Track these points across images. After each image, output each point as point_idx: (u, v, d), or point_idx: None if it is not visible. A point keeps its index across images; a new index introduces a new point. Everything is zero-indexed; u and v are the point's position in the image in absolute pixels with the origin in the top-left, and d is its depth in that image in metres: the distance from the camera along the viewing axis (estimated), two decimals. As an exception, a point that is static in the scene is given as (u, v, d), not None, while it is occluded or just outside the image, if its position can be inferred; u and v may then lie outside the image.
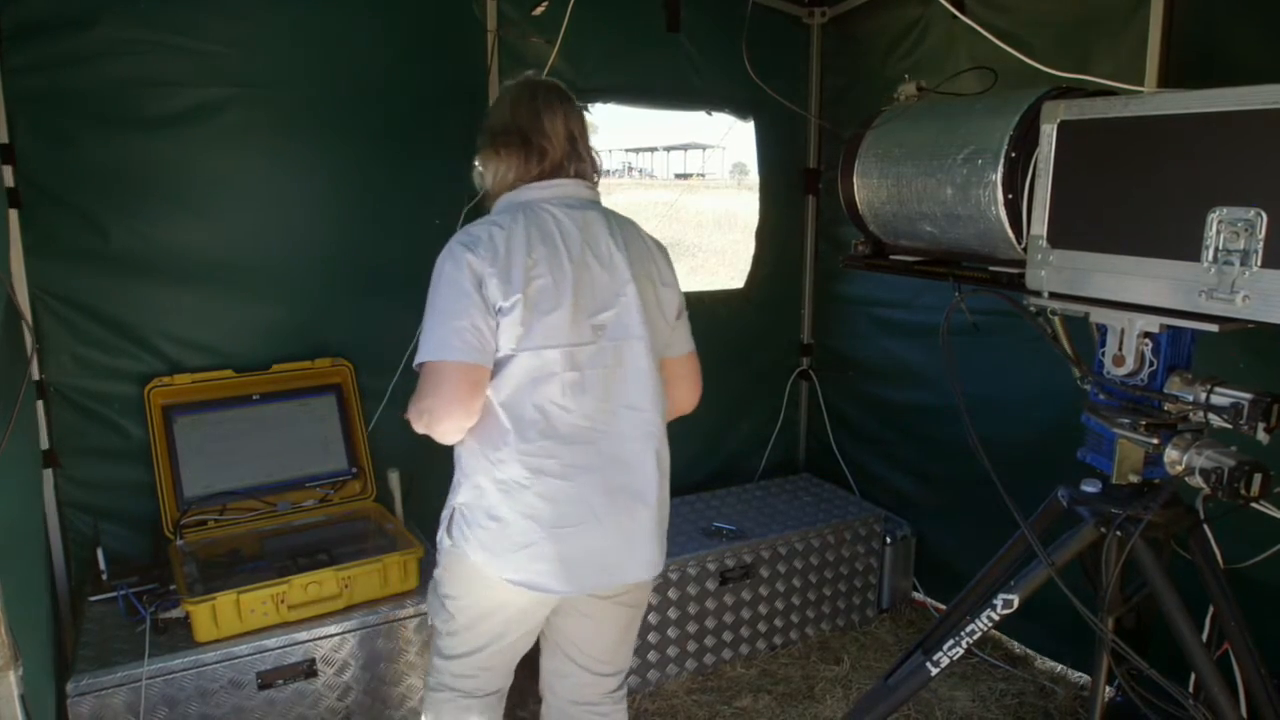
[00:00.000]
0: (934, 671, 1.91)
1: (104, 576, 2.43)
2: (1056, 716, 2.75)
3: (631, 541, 1.75)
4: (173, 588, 2.30)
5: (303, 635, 2.26)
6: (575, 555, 1.69)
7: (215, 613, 2.16)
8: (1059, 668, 2.97)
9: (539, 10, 2.84)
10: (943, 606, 3.28)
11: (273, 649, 2.23)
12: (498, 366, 1.64)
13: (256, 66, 2.60)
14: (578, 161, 1.79)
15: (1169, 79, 2.33)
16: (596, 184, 1.84)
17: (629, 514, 1.73)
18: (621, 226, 1.80)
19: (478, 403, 1.64)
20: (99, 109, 2.43)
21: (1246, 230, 1.39)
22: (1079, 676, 2.87)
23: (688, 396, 1.92)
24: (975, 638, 1.86)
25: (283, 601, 2.25)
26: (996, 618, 1.82)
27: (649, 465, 1.75)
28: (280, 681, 2.25)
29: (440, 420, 1.64)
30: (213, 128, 2.58)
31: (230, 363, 2.68)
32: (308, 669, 2.28)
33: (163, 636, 2.20)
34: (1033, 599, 1.80)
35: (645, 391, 1.74)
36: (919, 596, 3.45)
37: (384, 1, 2.75)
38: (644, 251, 1.81)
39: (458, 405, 1.62)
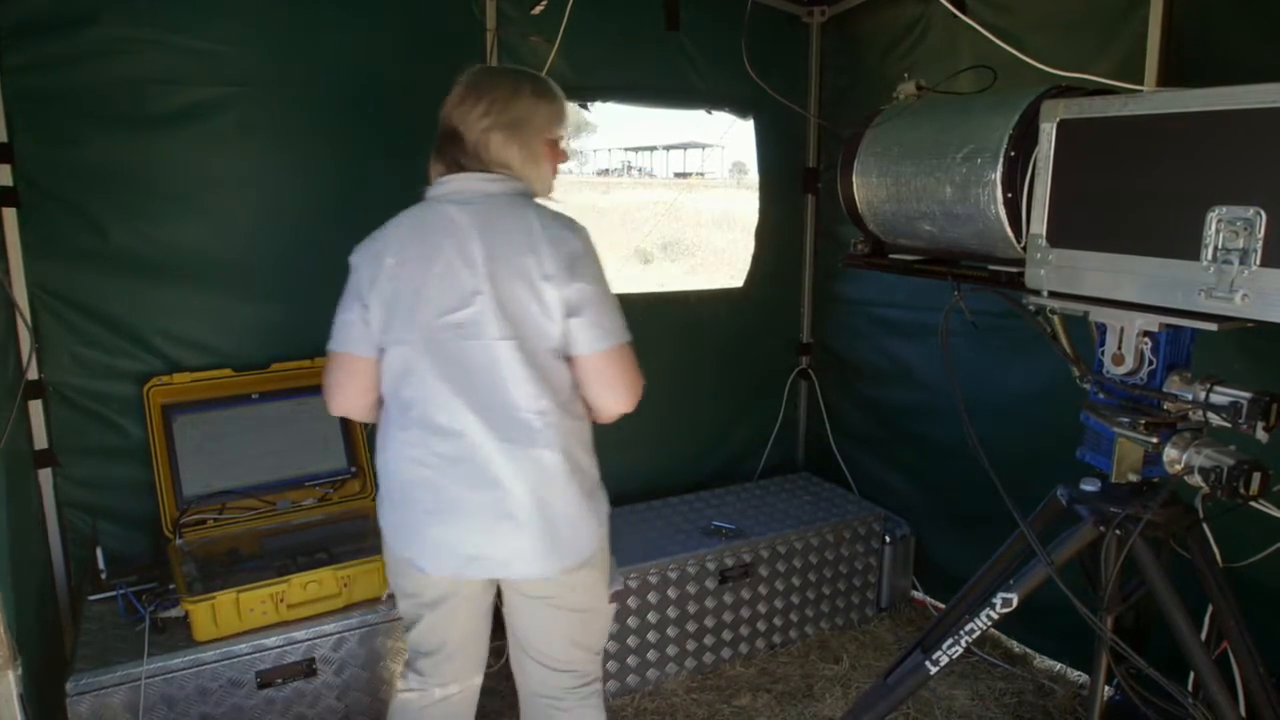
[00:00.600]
0: (933, 670, 1.91)
1: (103, 576, 2.43)
2: (1055, 715, 2.75)
3: (496, 535, 1.74)
4: (172, 587, 2.30)
5: (302, 634, 2.26)
6: (443, 540, 1.76)
7: (215, 612, 2.16)
8: (1058, 666, 2.97)
9: (538, 9, 2.84)
10: (942, 605, 3.28)
11: (272, 648, 2.23)
12: (382, 356, 1.78)
13: (255, 65, 2.60)
14: (484, 153, 1.76)
15: (1168, 78, 2.33)
16: (529, 175, 1.79)
17: (494, 509, 1.72)
18: (511, 219, 1.71)
19: (357, 387, 1.81)
20: (98, 108, 2.43)
21: (1246, 229, 1.39)
22: (1078, 675, 2.87)
23: (599, 399, 1.77)
24: (974, 637, 1.86)
25: (282, 600, 2.25)
26: (995, 616, 1.82)
27: (524, 464, 1.70)
28: (279, 681, 2.25)
29: (329, 400, 1.86)
30: (212, 126, 2.58)
31: (229, 362, 2.68)
32: (307, 668, 2.28)
33: (162, 636, 2.20)
34: (1032, 598, 1.80)
35: (523, 391, 1.69)
36: (918, 595, 3.45)
37: (384, 1, 2.75)
38: (521, 246, 1.68)
39: (336, 388, 1.83)
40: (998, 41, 2.36)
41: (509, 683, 2.89)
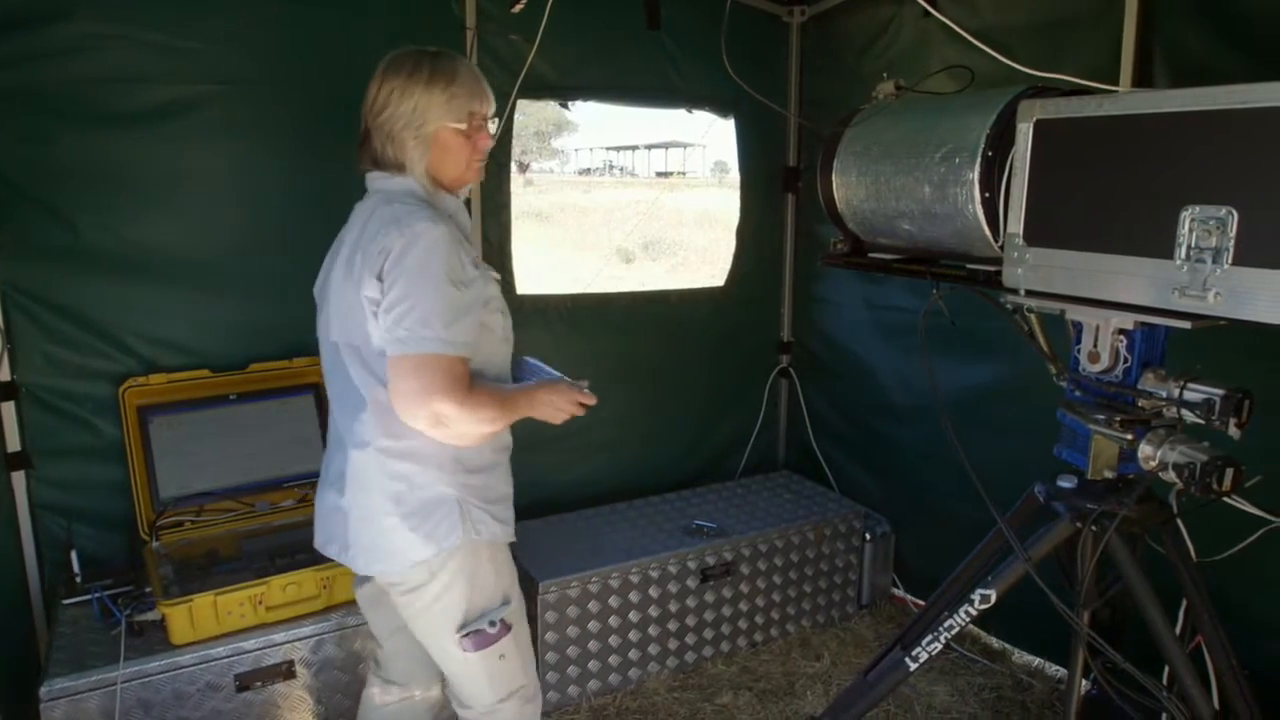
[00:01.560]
0: (913, 667, 1.92)
1: (78, 579, 2.40)
2: (1034, 710, 2.77)
3: (335, 520, 1.78)
4: (148, 590, 2.28)
5: (281, 636, 2.25)
6: (317, 513, 1.87)
7: (192, 614, 2.14)
8: (1036, 661, 3.00)
9: (518, 8, 2.83)
10: (921, 602, 3.30)
11: (251, 650, 2.21)
12: None
13: (232, 63, 2.57)
14: (379, 150, 1.74)
15: (1143, 79, 2.35)
16: (375, 157, 1.75)
17: (335, 497, 1.78)
18: (370, 217, 1.69)
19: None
20: (72, 105, 2.40)
21: (1218, 228, 1.40)
22: (1056, 670, 2.90)
23: (396, 404, 1.60)
24: (953, 633, 1.87)
25: (261, 602, 2.23)
26: (974, 613, 1.84)
27: (351, 460, 1.72)
28: (258, 683, 2.23)
29: None
30: (188, 124, 2.55)
31: (206, 362, 2.65)
32: (286, 670, 2.26)
33: (138, 639, 2.18)
34: (1011, 594, 1.82)
35: (353, 391, 1.71)
36: (898, 593, 3.47)
37: (362, -2, 2.73)
38: (360, 241, 1.67)
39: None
40: (974, 41, 2.38)
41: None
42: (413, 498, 1.69)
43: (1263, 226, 1.36)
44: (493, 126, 1.80)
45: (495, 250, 3.07)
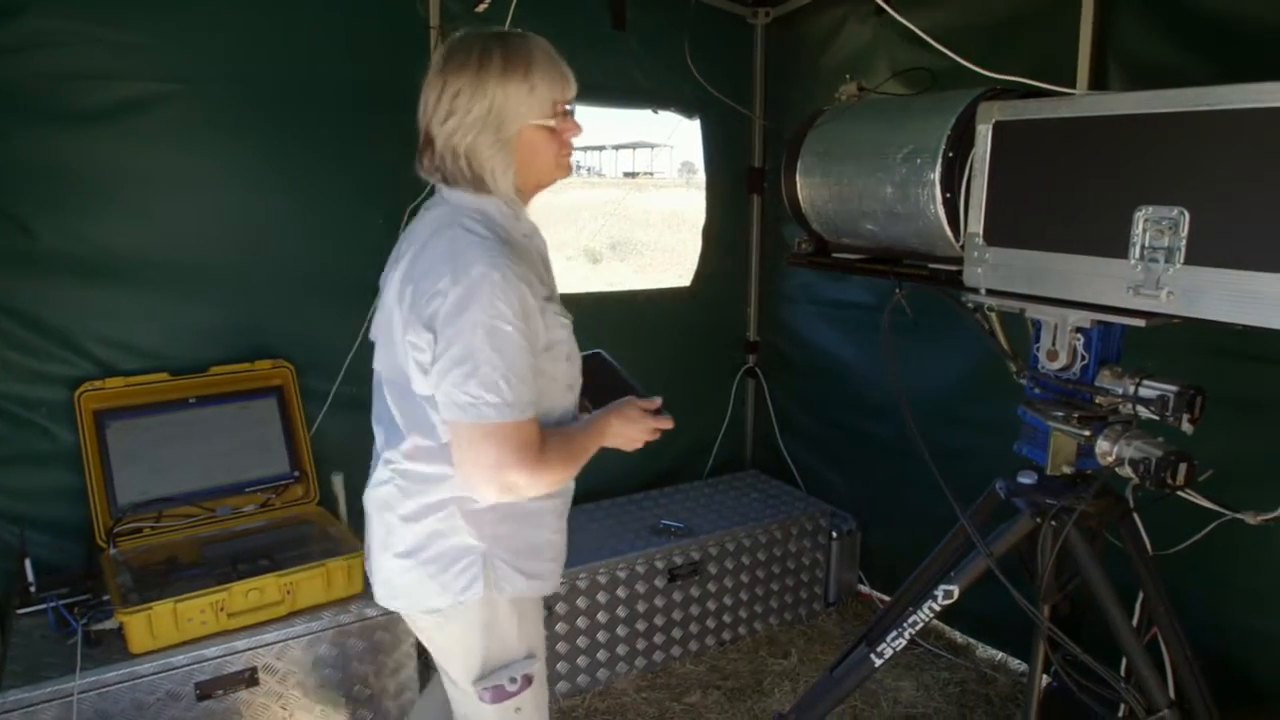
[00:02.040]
0: (878, 663, 1.94)
1: (32, 589, 2.34)
2: (997, 703, 2.81)
3: (366, 539, 1.70)
4: (106, 598, 2.23)
5: (243, 643, 2.21)
6: None
7: (151, 623, 2.10)
8: (1000, 656, 3.04)
9: (482, 7, 2.82)
10: (888, 598, 3.34)
11: (212, 658, 2.18)
12: None
13: (191, 61, 2.53)
14: (450, 163, 1.51)
15: (1099, 81, 2.40)
16: (445, 172, 1.52)
17: (367, 513, 1.68)
18: (432, 236, 1.49)
19: None
20: (25, 102, 2.34)
21: (1170, 228, 1.44)
22: (1019, 664, 2.95)
23: (462, 473, 1.48)
24: (917, 628, 1.89)
25: (222, 609, 2.20)
26: (938, 608, 1.86)
27: (372, 484, 1.64)
28: (220, 691, 2.19)
29: None
30: (146, 123, 2.50)
31: (166, 365, 2.60)
32: (249, 678, 2.23)
33: (96, 649, 2.13)
34: (974, 589, 1.84)
35: (381, 419, 1.62)
36: (864, 589, 3.50)
37: (325, -4, 2.70)
38: (415, 267, 1.48)
39: None
40: (934, 44, 2.40)
41: None
42: (434, 544, 1.55)
43: (1212, 227, 1.39)
44: (577, 110, 1.58)
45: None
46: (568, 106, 1.55)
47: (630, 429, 1.63)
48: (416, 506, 1.55)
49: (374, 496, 1.63)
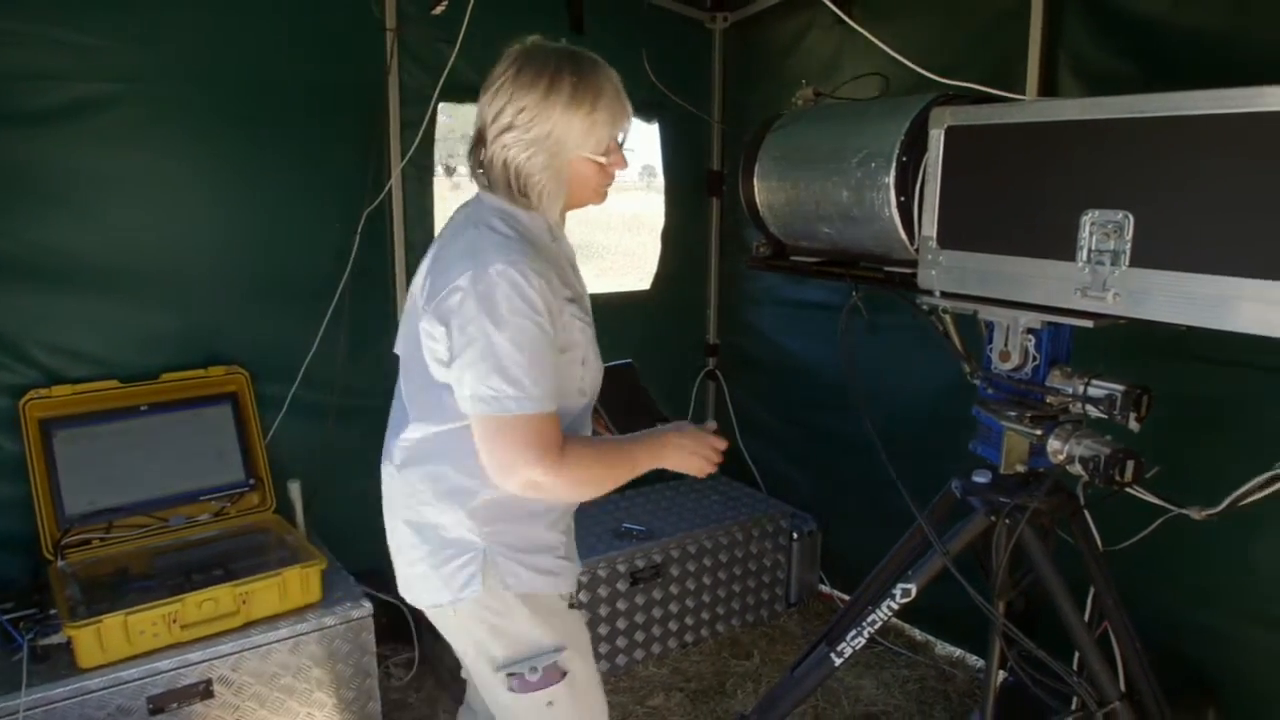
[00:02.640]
0: (838, 662, 1.96)
1: (-26, 603, 2.28)
2: (955, 699, 2.85)
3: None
4: (53, 612, 2.17)
5: (196, 655, 2.17)
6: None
7: (101, 636, 2.05)
8: (958, 652, 3.08)
9: (439, 9, 2.80)
10: (849, 598, 3.37)
11: (165, 671, 2.13)
12: None
13: (143, 61, 2.47)
14: (495, 171, 1.52)
15: (1048, 87, 2.45)
16: (491, 177, 1.54)
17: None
18: (458, 233, 1.52)
19: None
20: (-35, 104, 2.28)
21: (1116, 231, 1.47)
22: (976, 660, 2.99)
23: (487, 466, 1.47)
24: (876, 627, 1.91)
25: (175, 621, 2.15)
26: (896, 607, 1.88)
27: (388, 479, 1.65)
28: (174, 705, 2.15)
29: None
30: (95, 124, 2.44)
31: (115, 372, 2.54)
32: (204, 690, 2.19)
33: (43, 664, 2.07)
34: (932, 587, 1.87)
35: (394, 406, 1.66)
36: (825, 589, 3.53)
37: (279, -4, 2.66)
38: (437, 260, 1.53)
39: None
40: (888, 50, 2.44)
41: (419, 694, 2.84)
42: (435, 536, 1.55)
43: (1155, 230, 1.43)
44: (628, 143, 1.60)
45: (419, 254, 2.99)
46: (620, 139, 1.57)
47: (693, 444, 1.59)
48: (418, 493, 1.57)
49: (388, 490, 1.66)
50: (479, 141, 1.53)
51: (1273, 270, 1.30)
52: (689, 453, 1.58)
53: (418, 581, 1.61)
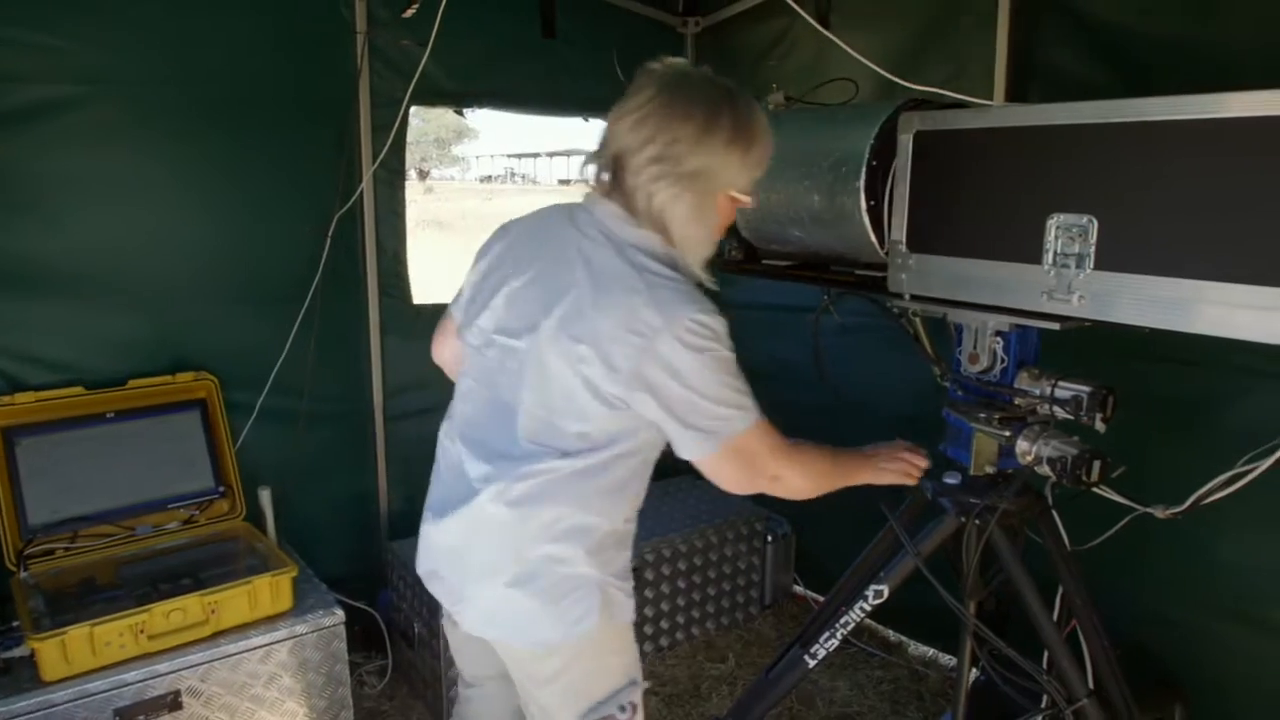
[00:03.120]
0: (811, 664, 1.97)
1: (-66, 616, 2.23)
2: (928, 699, 2.88)
3: (435, 559, 1.60)
4: (16, 624, 2.13)
5: (164, 666, 2.14)
6: (427, 543, 1.64)
7: (65, 648, 2.02)
8: (931, 652, 3.11)
9: (409, 12, 2.78)
10: (823, 599, 3.39)
11: (132, 683, 2.10)
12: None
13: (108, 63, 2.44)
14: (639, 202, 1.46)
15: (1016, 93, 2.48)
16: (629, 206, 1.47)
17: (439, 531, 1.58)
18: (606, 267, 1.45)
19: (446, 348, 1.74)
20: (-78, 106, 2.24)
21: (1080, 235, 1.50)
22: (949, 660, 3.02)
23: (727, 488, 1.54)
24: (849, 628, 1.93)
25: (142, 631, 2.12)
26: (868, 608, 1.89)
27: (460, 496, 1.55)
28: (141, 717, 2.11)
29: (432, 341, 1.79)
30: (59, 127, 2.40)
31: (81, 379, 2.50)
32: (172, 701, 2.15)
33: (5, 678, 2.03)
34: (904, 588, 1.88)
35: (490, 426, 1.58)
36: (800, 591, 3.55)
37: (247, -1, 2.64)
38: (590, 301, 1.45)
39: (436, 334, 1.77)
40: (858, 56, 2.47)
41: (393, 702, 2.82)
42: (550, 573, 1.47)
43: (1119, 234, 1.46)
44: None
45: (390, 259, 3.00)
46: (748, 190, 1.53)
47: (904, 456, 1.74)
48: (533, 532, 1.46)
49: (480, 519, 1.49)
50: (616, 166, 1.45)
51: (1232, 273, 1.33)
52: (899, 462, 1.73)
53: (522, 619, 1.49)
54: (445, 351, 1.74)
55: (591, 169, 1.51)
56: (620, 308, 1.37)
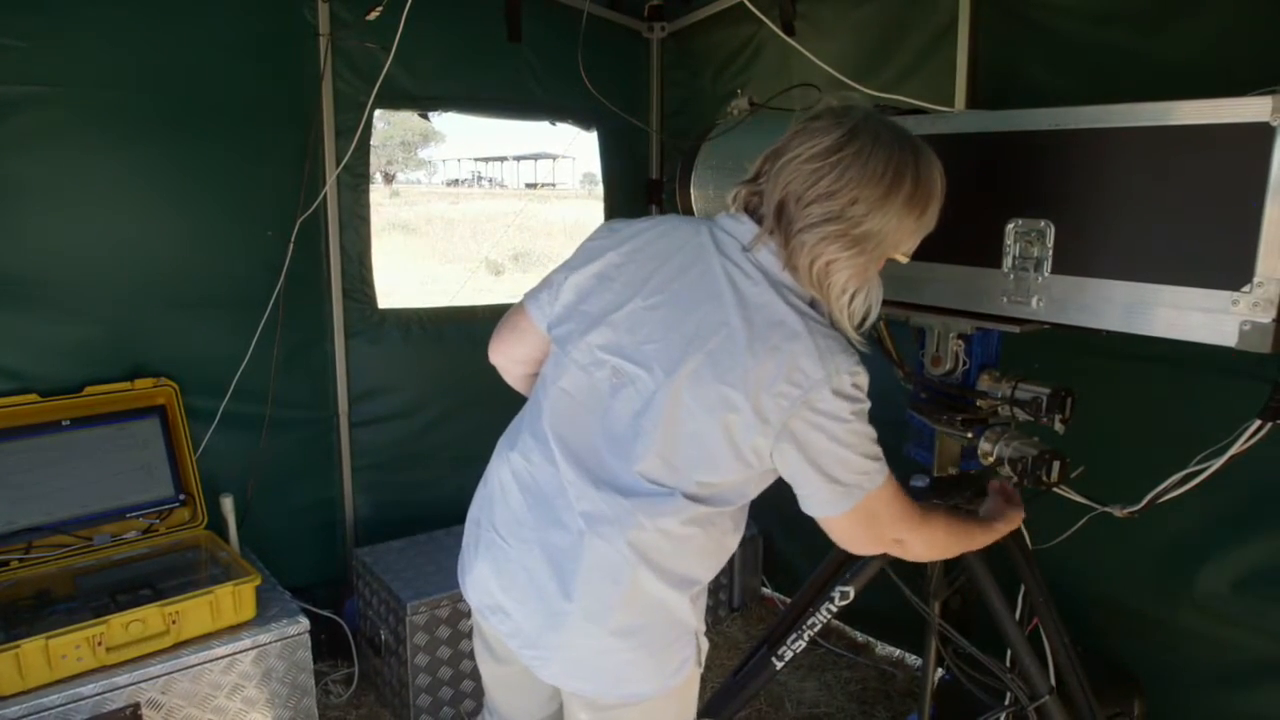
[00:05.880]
0: (779, 665, 1.98)
1: (-117, 630, 2.17)
2: (895, 698, 2.90)
3: (502, 587, 1.47)
4: (-32, 638, 2.08)
5: (124, 679, 2.10)
6: (478, 575, 1.53)
7: (20, 662, 1.97)
8: (898, 652, 3.14)
9: (373, 15, 2.77)
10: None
11: (89, 696, 2.05)
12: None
13: (63, 64, 2.39)
14: (798, 257, 1.34)
15: (977, 100, 2.52)
16: (788, 259, 1.36)
17: (516, 556, 1.46)
18: (764, 309, 1.35)
19: (518, 349, 1.60)
20: None
21: (1039, 239, 1.52)
22: (915, 659, 3.05)
23: (853, 549, 1.50)
24: (816, 630, 1.94)
25: (100, 644, 2.07)
26: (834, 609, 1.91)
27: (557, 530, 1.43)
28: (99, 731, 2.07)
29: (491, 341, 1.64)
30: (12, 129, 2.36)
31: (34, 386, 2.45)
32: (131, 714, 2.11)
33: (-43, 693, 1.99)
34: (870, 589, 1.90)
35: (609, 462, 1.46)
36: (768, 593, 3.57)
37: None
38: (747, 342, 1.35)
39: (500, 333, 1.61)
40: (820, 64, 2.49)
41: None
42: (658, 622, 1.38)
43: (1075, 238, 1.48)
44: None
45: (354, 263, 2.98)
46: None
47: (1018, 507, 1.77)
48: (651, 578, 1.35)
49: (588, 558, 1.36)
50: (778, 209, 1.32)
51: (1184, 276, 1.36)
52: (1013, 511, 1.74)
53: (623, 670, 1.39)
54: (518, 350, 1.57)
55: (740, 191, 1.41)
56: (781, 354, 1.27)
